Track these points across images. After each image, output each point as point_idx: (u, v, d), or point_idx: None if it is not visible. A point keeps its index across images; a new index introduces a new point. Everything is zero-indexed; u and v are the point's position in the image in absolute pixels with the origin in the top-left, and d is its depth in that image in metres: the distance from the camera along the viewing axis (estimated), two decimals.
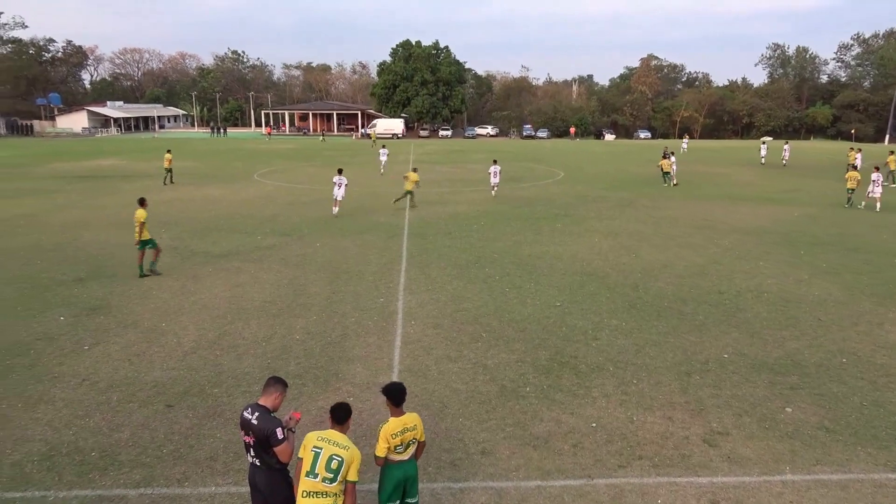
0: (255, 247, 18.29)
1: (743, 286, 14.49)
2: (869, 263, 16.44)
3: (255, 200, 27.72)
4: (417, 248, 18.27)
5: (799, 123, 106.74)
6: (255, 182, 34.99)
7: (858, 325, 12.02)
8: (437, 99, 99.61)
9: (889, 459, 7.45)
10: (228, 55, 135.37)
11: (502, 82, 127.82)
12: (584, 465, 7.33)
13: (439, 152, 61.42)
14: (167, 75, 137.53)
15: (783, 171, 42.50)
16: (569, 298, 13.47)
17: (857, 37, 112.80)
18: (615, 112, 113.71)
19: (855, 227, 21.92)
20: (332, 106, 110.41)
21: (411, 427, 5.58)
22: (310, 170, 42.53)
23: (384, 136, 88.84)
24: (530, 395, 9.04)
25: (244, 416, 5.31)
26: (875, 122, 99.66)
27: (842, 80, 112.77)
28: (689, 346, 10.87)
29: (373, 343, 10.99)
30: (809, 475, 7.15)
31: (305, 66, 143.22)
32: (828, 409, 8.67)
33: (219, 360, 10.19)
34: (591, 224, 22.15)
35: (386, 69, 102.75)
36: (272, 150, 61.64)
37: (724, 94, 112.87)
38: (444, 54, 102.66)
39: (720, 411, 8.61)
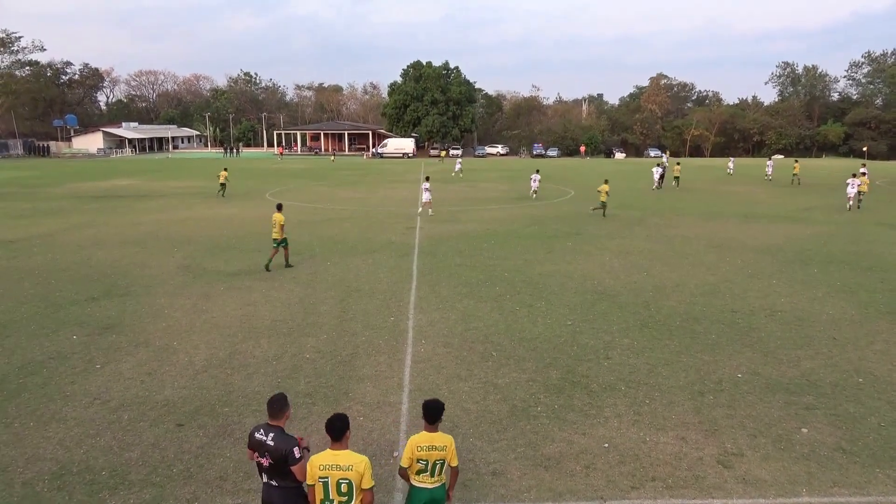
0: None
1: (756, 305, 14.36)
2: (884, 282, 16.25)
3: (266, 220, 27.84)
4: (428, 266, 18.28)
5: (810, 141, 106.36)
6: (267, 201, 35.24)
7: (875, 343, 11.86)
8: (447, 118, 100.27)
9: None
10: (241, 76, 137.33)
11: (512, 101, 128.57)
12: (596, 487, 7.24)
13: (449, 171, 61.63)
14: (181, 96, 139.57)
15: (796, 189, 42.29)
16: (580, 317, 13.40)
17: (867, 55, 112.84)
18: (625, 131, 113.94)
19: (870, 245, 21.71)
20: (343, 126, 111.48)
21: (440, 447, 5.44)
22: (321, 189, 42.81)
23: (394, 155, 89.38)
24: (541, 415, 8.96)
25: (256, 438, 5.30)
26: (888, 139, 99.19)
27: (853, 98, 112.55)
28: (702, 366, 10.76)
29: (383, 362, 10.96)
30: (827, 498, 7.02)
31: (317, 87, 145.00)
32: (844, 430, 8.52)
33: (229, 379, 10.19)
34: (601, 242, 22.08)
35: (396, 89, 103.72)
36: (284, 169, 62.16)
37: (735, 113, 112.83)
38: (454, 74, 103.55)
39: (734, 432, 8.48)
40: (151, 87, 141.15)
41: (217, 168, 44.71)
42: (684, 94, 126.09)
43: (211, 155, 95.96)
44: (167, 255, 19.86)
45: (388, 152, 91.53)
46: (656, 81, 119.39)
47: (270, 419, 5.40)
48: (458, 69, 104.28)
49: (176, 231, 24.60)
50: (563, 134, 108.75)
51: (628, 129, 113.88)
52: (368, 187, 44.56)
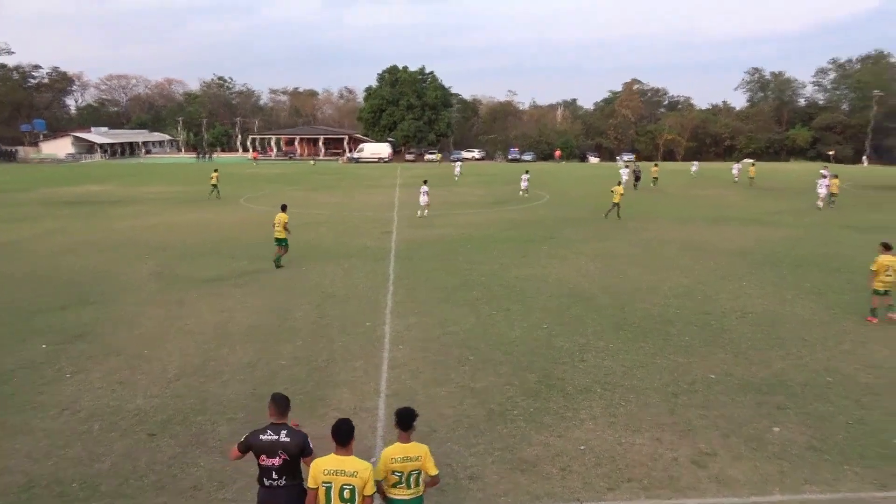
0: (242, 271, 18.19)
1: (728, 306, 14.58)
2: (851, 283, 16.61)
3: (241, 225, 27.64)
4: (404, 271, 18.25)
5: (780, 145, 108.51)
6: (242, 206, 34.92)
7: (843, 343, 12.12)
8: (423, 123, 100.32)
9: (877, 478, 7.46)
10: (215, 81, 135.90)
11: (488, 106, 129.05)
12: (572, 489, 7.28)
13: (426, 176, 61.64)
14: (154, 101, 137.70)
15: (765, 193, 43.06)
16: (556, 320, 13.48)
17: (833, 61, 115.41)
18: (599, 135, 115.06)
19: (837, 247, 22.18)
20: (318, 130, 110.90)
21: (413, 457, 5.34)
22: (297, 194, 42.49)
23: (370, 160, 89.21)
24: (518, 419, 9.00)
25: (265, 440, 5.33)
26: (853, 143, 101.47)
27: (820, 104, 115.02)
28: (676, 367, 10.89)
29: (359, 367, 10.91)
30: (798, 495, 7.15)
31: (292, 92, 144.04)
32: (815, 429, 8.69)
33: (203, 387, 10.06)
34: (577, 246, 22.25)
35: (372, 94, 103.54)
36: (259, 174, 61.62)
37: (707, 118, 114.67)
38: (430, 79, 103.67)
39: (708, 432, 8.60)
40: (123, 92, 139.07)
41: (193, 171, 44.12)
42: (657, 100, 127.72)
43: (184, 160, 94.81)
44: (140, 262, 19.56)
45: (364, 157, 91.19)
46: (630, 87, 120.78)
47: (278, 417, 5.46)
48: (433, 74, 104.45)
49: (149, 237, 24.24)
50: (539, 138, 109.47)
51: (602, 133, 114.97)
52: (344, 192, 44.38)
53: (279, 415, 5.47)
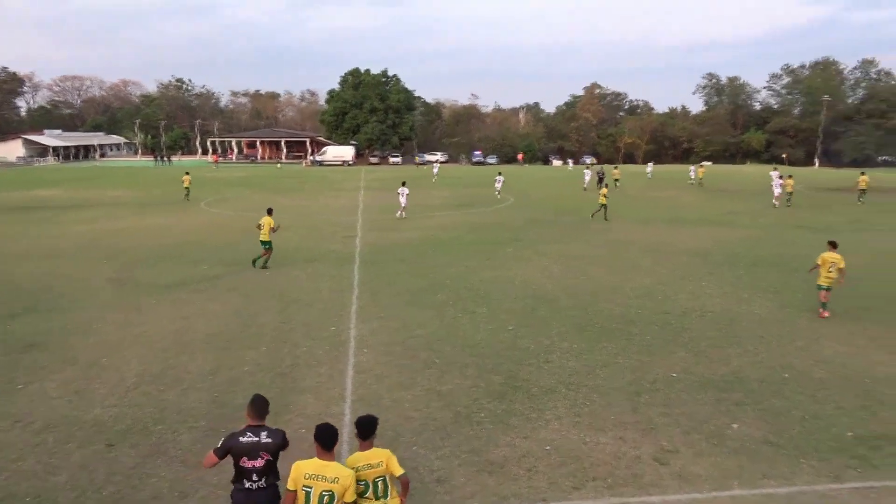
0: (203, 277, 17.85)
1: (688, 306, 14.89)
2: (806, 282, 17.09)
3: (202, 229, 27.14)
4: (369, 275, 18.16)
5: (735, 149, 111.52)
6: (202, 211, 34.29)
7: (797, 341, 12.48)
8: (386, 126, 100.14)
9: (831, 471, 7.70)
10: (173, 82, 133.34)
11: (451, 109, 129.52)
12: (539, 489, 7.33)
13: (390, 179, 61.49)
14: (109, 103, 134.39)
15: (723, 195, 44.13)
16: (521, 322, 13.58)
17: (785, 67, 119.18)
18: (561, 138, 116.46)
19: (792, 247, 22.86)
20: (280, 133, 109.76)
21: (375, 464, 5.25)
22: (258, 197, 41.93)
23: (333, 163, 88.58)
24: (485, 421, 9.02)
25: (246, 441, 5.27)
26: (805, 147, 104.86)
27: (773, 108, 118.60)
28: (639, 367, 11.07)
29: (324, 373, 10.81)
30: (757, 489, 7.33)
31: (253, 94, 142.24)
32: (771, 424, 8.93)
33: (163, 396, 9.83)
34: (541, 248, 22.46)
35: (335, 97, 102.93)
36: (220, 178, 60.61)
37: (665, 121, 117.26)
38: (393, 82, 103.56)
39: (670, 430, 8.76)
40: (77, 93, 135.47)
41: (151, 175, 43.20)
42: (617, 104, 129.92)
43: (141, 163, 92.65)
44: (96, 268, 19.03)
45: (328, 160, 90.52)
46: (590, 91, 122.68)
47: (256, 419, 5.42)
48: (396, 77, 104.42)
49: (106, 242, 23.62)
50: (502, 141, 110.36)
51: (564, 136, 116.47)
52: (308, 196, 43.96)
53: (258, 417, 5.43)
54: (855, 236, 25.02)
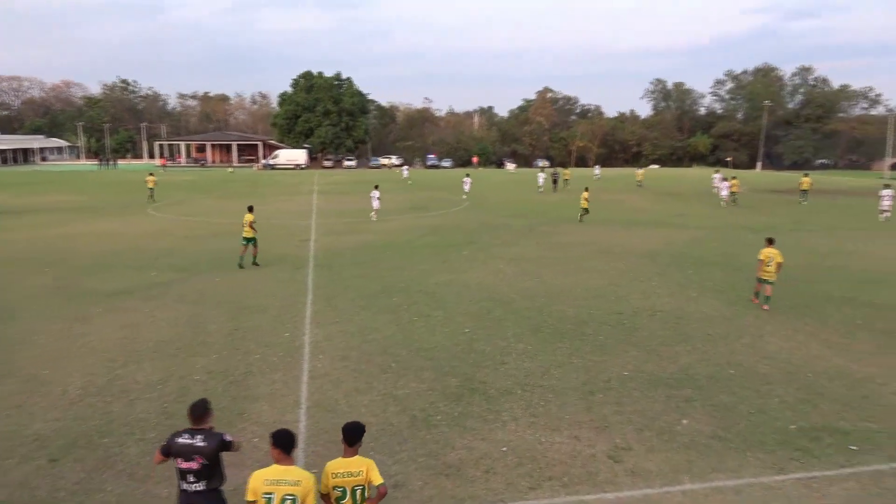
0: (150, 284, 17.35)
1: (639, 306, 15.22)
2: (750, 281, 17.69)
3: (149, 235, 26.38)
4: (324, 279, 17.96)
5: (682, 152, 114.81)
6: (149, 216, 33.35)
7: (743, 338, 12.90)
8: (340, 129, 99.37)
9: (775, 462, 7.98)
10: (118, 84, 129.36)
11: (405, 113, 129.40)
12: (496, 490, 7.37)
13: (345, 182, 61.07)
14: (50, 104, 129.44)
15: (671, 197, 45.31)
16: (476, 325, 13.64)
17: (729, 73, 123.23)
18: (515, 142, 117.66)
19: (736, 248, 23.62)
20: (231, 136, 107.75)
21: (355, 472, 5.25)
22: (208, 202, 41.07)
23: (286, 166, 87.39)
24: (441, 424, 9.03)
25: (181, 442, 5.36)
26: (748, 150, 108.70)
27: (718, 113, 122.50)
28: (592, 366, 11.25)
29: (279, 379, 10.63)
30: (706, 483, 7.53)
31: (202, 96, 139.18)
32: (719, 419, 9.20)
33: (109, 408, 9.50)
34: (496, 251, 22.62)
35: (287, 99, 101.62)
36: (168, 182, 59.03)
37: (615, 125, 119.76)
38: (346, 85, 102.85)
39: (623, 427, 8.93)
40: (14, 94, 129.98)
41: (95, 179, 41.80)
42: (569, 108, 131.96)
43: (85, 167, 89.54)
44: (36, 276, 18.28)
45: (280, 163, 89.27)
46: (543, 95, 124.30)
47: (194, 425, 5.47)
48: (350, 80, 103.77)
49: (47, 249, 22.71)
50: (456, 145, 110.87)
51: (518, 140, 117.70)
52: (260, 200, 43.13)
53: (195, 422, 5.50)
54: (796, 236, 26.05)
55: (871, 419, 9.18)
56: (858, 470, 7.80)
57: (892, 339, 12.81)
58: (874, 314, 14.58)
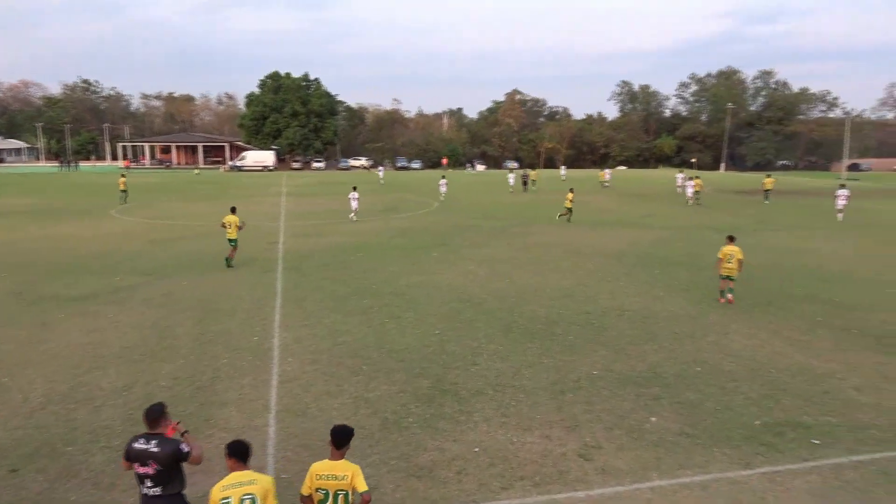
0: (114, 288, 16.98)
1: (607, 306, 15.41)
2: (714, 280, 18.05)
3: (113, 238, 25.82)
4: (293, 282, 17.80)
5: (648, 153, 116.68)
6: (112, 218, 32.64)
7: (708, 336, 13.15)
8: (308, 130, 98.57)
9: (741, 458, 8.15)
10: (80, 84, 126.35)
11: (374, 114, 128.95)
12: (468, 491, 7.39)
13: (313, 184, 60.60)
14: (7, 104, 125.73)
15: (638, 198, 45.97)
16: (448, 326, 13.65)
17: (693, 76, 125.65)
18: (484, 143, 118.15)
19: (701, 247, 24.07)
20: (197, 138, 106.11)
21: (340, 476, 5.23)
22: (174, 204, 40.37)
23: (254, 168, 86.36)
24: (413, 426, 9.02)
25: (137, 447, 5.36)
26: (712, 151, 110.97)
27: (683, 115, 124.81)
28: (562, 366, 11.35)
29: (247, 384, 10.50)
30: (674, 479, 7.66)
31: (167, 97, 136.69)
32: (687, 416, 9.36)
33: (72, 415, 9.27)
34: (466, 252, 22.68)
35: (254, 100, 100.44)
36: (131, 183, 57.75)
37: (583, 127, 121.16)
38: (314, 86, 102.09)
39: (593, 426, 9.03)
40: None
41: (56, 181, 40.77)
42: (537, 109, 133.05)
43: (44, 169, 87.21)
44: None
45: (248, 165, 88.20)
46: (512, 97, 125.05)
47: (149, 429, 5.47)
48: (318, 81, 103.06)
49: (6, 253, 22.06)
50: (426, 147, 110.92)
51: (487, 141, 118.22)
52: (227, 202, 42.59)
53: (150, 426, 5.51)
54: (758, 236, 26.67)
55: (832, 414, 9.44)
56: (820, 463, 8.02)
57: (850, 335, 13.20)
58: (833, 311, 15.00)
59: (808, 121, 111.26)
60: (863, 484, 7.54)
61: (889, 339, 12.93)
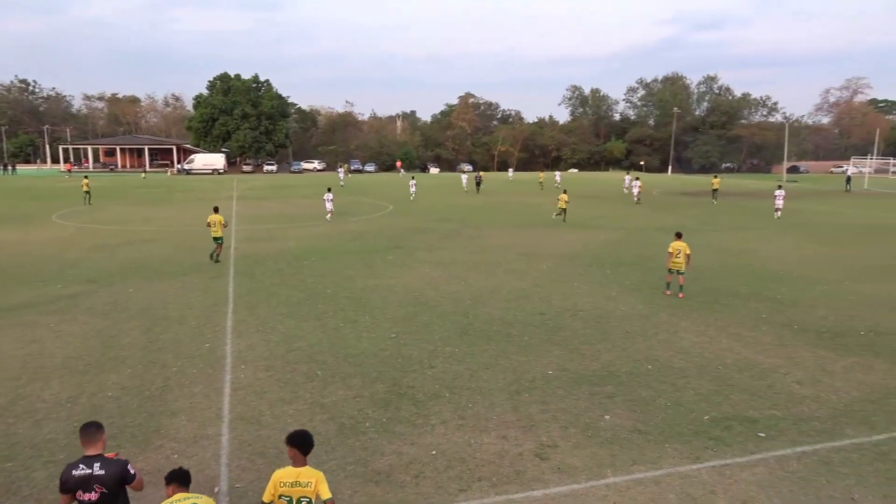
0: (55, 296, 16.33)
1: (561, 306, 15.63)
2: (664, 279, 18.54)
3: (53, 244, 24.84)
4: (245, 287, 17.46)
5: (599, 156, 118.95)
6: (53, 224, 31.41)
7: (659, 334, 13.47)
8: (259, 133, 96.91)
9: (691, 452, 8.37)
10: (16, 84, 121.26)
11: (327, 117, 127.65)
12: (426, 495, 7.38)
13: (265, 188, 59.62)
14: None
15: (590, 200, 46.79)
16: (404, 329, 13.61)
17: (640, 81, 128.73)
18: (438, 146, 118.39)
19: (650, 248, 24.66)
20: (143, 140, 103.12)
21: (304, 483, 5.18)
22: (119, 209, 39.12)
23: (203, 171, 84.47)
24: (370, 430, 8.95)
25: (78, 475, 4.93)
26: (660, 155, 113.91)
27: (631, 119, 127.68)
28: (518, 367, 11.45)
29: (199, 392, 10.24)
30: (628, 476, 7.81)
31: (110, 98, 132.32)
32: (639, 413, 9.56)
33: (12, 430, 8.87)
34: (421, 255, 22.67)
35: (203, 102, 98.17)
36: (74, 188, 55.83)
37: (535, 131, 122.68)
38: (265, 88, 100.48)
39: (548, 425, 9.14)
40: None
41: None
42: (490, 113, 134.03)
43: None
44: None
45: (197, 168, 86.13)
46: (465, 100, 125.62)
47: (87, 449, 5.09)
48: (269, 82, 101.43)
49: None
50: (380, 149, 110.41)
51: (441, 144, 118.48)
52: (175, 206, 41.59)
53: (89, 445, 5.12)
54: (705, 236, 27.47)
55: (776, 407, 9.79)
56: (766, 455, 8.30)
57: (792, 331, 13.72)
58: (776, 308, 15.57)
59: (749, 125, 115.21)
60: (806, 474, 7.85)
61: (827, 333, 13.50)
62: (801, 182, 76.87)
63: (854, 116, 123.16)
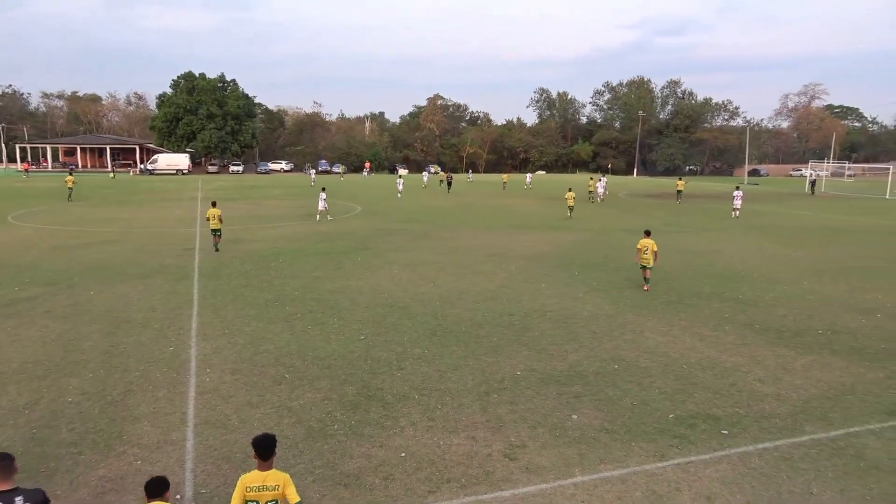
0: (12, 299, 15.85)
1: (529, 307, 15.73)
2: (629, 280, 18.79)
3: (10, 246, 24.10)
4: (210, 290, 17.17)
5: (566, 159, 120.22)
6: (9, 225, 30.47)
7: (625, 334, 13.66)
8: (225, 133, 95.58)
9: (657, 450, 8.51)
10: None
11: (294, 117, 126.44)
12: (395, 497, 7.35)
13: (231, 188, 58.79)
14: None
15: (558, 202, 47.23)
16: (372, 331, 13.55)
17: (606, 84, 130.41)
18: (406, 147, 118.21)
19: (616, 249, 25.00)
20: (105, 140, 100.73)
21: (271, 486, 5.14)
22: (79, 210, 38.14)
23: (167, 171, 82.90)
24: (338, 433, 8.89)
25: None
26: (625, 157, 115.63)
27: (598, 122, 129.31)
28: (487, 367, 11.49)
29: (162, 397, 10.04)
30: (595, 474, 7.90)
31: (70, 96, 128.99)
32: (606, 412, 9.68)
33: None
34: (390, 256, 22.60)
35: (167, 101, 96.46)
36: (31, 188, 54.30)
37: (503, 132, 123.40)
38: (231, 87, 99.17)
39: (517, 426, 9.19)
40: None
41: None
42: (459, 114, 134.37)
43: None
44: None
45: (160, 168, 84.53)
46: (433, 101, 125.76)
47: (4, 482, 4.70)
48: (235, 82, 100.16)
49: None
50: (348, 150, 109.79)
51: (409, 146, 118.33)
52: (138, 207, 40.74)
53: (4, 479, 4.73)
54: (670, 237, 27.94)
55: (739, 405, 10.01)
56: (729, 452, 8.48)
57: (753, 330, 14.04)
58: (738, 308, 15.92)
59: (712, 129, 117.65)
60: (768, 470, 8.04)
61: (787, 332, 13.85)
62: (762, 185, 78.80)
63: (812, 121, 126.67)
